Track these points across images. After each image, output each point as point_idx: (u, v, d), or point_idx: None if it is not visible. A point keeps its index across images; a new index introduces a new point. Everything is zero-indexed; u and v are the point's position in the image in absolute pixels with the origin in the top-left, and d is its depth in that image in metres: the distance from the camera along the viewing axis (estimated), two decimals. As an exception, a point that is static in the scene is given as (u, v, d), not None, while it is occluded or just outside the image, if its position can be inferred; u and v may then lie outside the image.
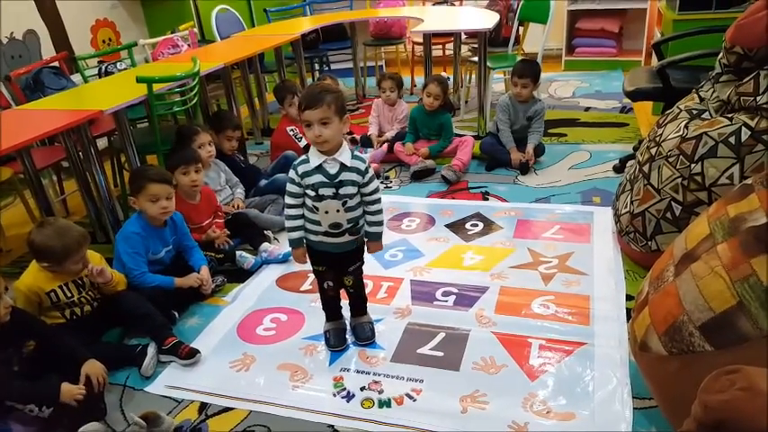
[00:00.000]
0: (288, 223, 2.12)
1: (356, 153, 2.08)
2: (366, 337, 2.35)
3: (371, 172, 2.07)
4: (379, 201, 2.11)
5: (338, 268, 2.25)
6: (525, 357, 2.19)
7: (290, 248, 2.18)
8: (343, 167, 2.00)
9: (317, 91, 1.94)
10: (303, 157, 2.05)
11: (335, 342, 2.34)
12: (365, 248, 2.24)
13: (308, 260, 2.19)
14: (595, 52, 6.17)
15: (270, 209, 3.40)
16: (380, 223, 2.15)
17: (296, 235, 2.12)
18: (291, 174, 2.04)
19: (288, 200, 2.08)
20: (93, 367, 2.11)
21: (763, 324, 1.45)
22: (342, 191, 2.01)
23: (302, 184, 2.02)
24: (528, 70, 3.80)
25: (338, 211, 2.03)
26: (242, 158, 3.82)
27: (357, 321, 2.40)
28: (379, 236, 2.17)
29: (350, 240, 2.13)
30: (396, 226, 3.27)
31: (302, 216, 2.09)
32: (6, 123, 2.74)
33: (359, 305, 2.39)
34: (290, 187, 2.06)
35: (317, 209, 2.03)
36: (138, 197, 2.59)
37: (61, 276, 2.32)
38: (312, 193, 2.01)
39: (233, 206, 3.29)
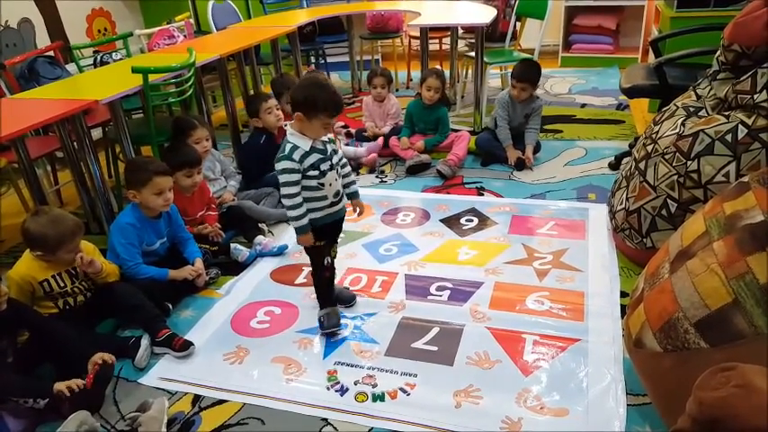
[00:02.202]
0: (294, 212, 2.18)
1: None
2: (352, 297, 2.56)
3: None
4: (347, 163, 2.36)
5: (331, 239, 2.39)
6: (519, 353, 2.19)
7: (300, 234, 2.23)
8: (324, 142, 2.20)
9: (342, 101, 2.16)
10: (288, 146, 2.13)
11: (332, 323, 2.38)
12: (355, 212, 2.44)
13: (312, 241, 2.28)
14: (592, 49, 6.17)
15: (265, 201, 3.39)
16: (355, 182, 2.41)
17: (305, 221, 2.20)
18: (287, 164, 2.11)
19: (289, 190, 2.14)
20: (98, 356, 2.12)
21: (759, 322, 1.45)
22: (333, 161, 2.21)
23: (301, 168, 2.12)
24: (527, 75, 3.78)
25: (336, 179, 2.22)
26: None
27: (338, 289, 2.56)
28: (358, 193, 2.42)
29: (342, 206, 2.33)
30: (390, 220, 3.26)
31: (303, 202, 2.19)
32: (1, 112, 2.72)
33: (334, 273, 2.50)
34: (288, 177, 2.13)
35: (323, 184, 2.18)
36: (140, 190, 2.56)
37: (54, 266, 2.31)
38: (315, 172, 2.14)
39: (222, 201, 3.27)
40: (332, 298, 2.46)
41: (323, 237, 2.31)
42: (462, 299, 2.53)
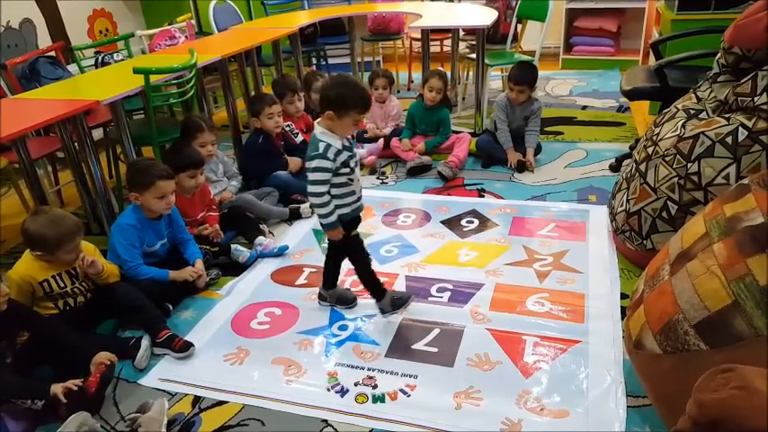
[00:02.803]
0: (324, 209, 2.22)
1: None
2: (354, 298, 2.60)
3: None
4: None
5: (354, 229, 2.42)
6: (520, 354, 2.19)
7: (331, 230, 2.28)
8: (349, 139, 2.23)
9: (370, 97, 2.22)
10: (321, 144, 2.14)
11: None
12: None
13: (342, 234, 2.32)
14: (593, 51, 6.16)
15: (265, 201, 3.39)
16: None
17: (334, 216, 2.24)
18: (322, 162, 2.14)
19: (319, 188, 2.18)
20: (104, 355, 2.12)
21: (758, 323, 1.45)
22: (357, 157, 2.26)
23: (334, 167, 2.16)
24: (524, 77, 3.78)
25: (360, 174, 2.31)
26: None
27: (340, 290, 2.62)
28: None
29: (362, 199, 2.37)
30: (391, 222, 3.27)
31: (331, 199, 2.23)
32: (2, 112, 2.72)
33: None
34: (320, 175, 2.16)
35: (352, 180, 2.24)
36: (143, 193, 2.56)
37: (54, 266, 2.31)
38: (346, 169, 2.19)
39: (221, 199, 3.27)
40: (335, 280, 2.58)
41: (349, 228, 2.35)
42: (463, 300, 2.53)
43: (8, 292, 2.06)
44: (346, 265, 2.79)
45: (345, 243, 2.37)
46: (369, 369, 2.18)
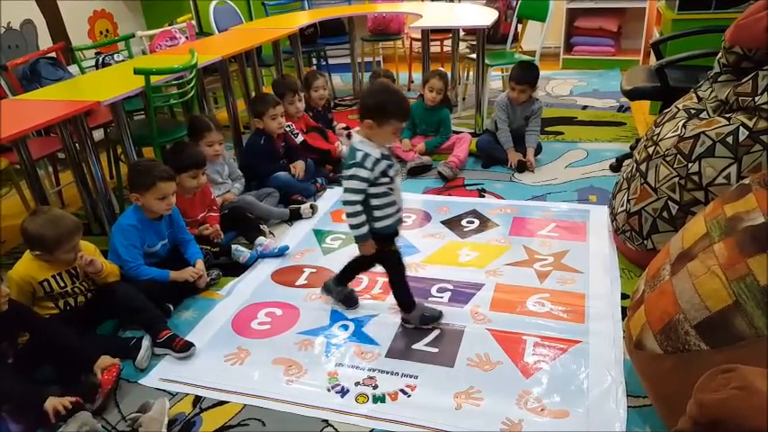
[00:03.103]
0: (355, 219, 2.17)
1: None
2: (356, 300, 2.57)
3: None
4: None
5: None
6: (520, 354, 2.19)
7: (361, 243, 2.23)
8: (388, 148, 2.19)
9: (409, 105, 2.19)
10: (359, 153, 2.10)
11: (438, 313, 2.41)
12: None
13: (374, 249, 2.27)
14: (594, 51, 6.16)
15: (265, 201, 3.39)
16: None
17: (365, 229, 2.19)
18: (359, 171, 2.09)
19: (353, 197, 2.13)
20: (105, 360, 2.12)
21: (759, 323, 1.45)
22: (396, 167, 2.21)
23: (372, 177, 2.11)
24: (526, 77, 3.78)
25: (400, 184, 2.25)
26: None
27: (348, 289, 2.58)
28: None
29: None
30: (392, 222, 3.26)
31: (363, 210, 2.17)
32: (2, 113, 2.72)
33: None
34: (356, 184, 2.11)
35: (392, 189, 2.18)
36: (144, 194, 2.56)
37: (54, 266, 2.31)
38: (386, 179, 2.14)
39: (223, 200, 3.27)
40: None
41: (393, 241, 2.31)
42: (463, 300, 2.53)
43: (8, 292, 2.06)
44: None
45: (380, 256, 2.32)
46: (369, 369, 2.18)
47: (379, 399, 2.04)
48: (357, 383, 2.12)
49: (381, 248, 2.27)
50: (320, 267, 2.87)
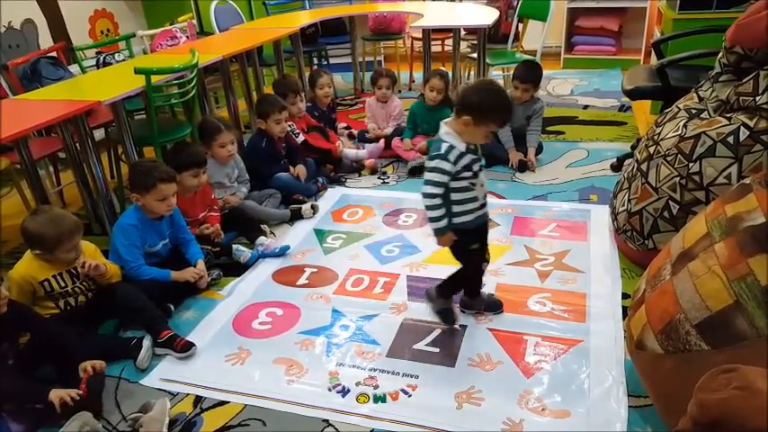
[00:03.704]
0: (434, 212, 2.11)
1: None
2: (500, 303, 2.45)
3: None
4: None
5: (483, 242, 2.30)
6: (521, 354, 2.19)
7: (439, 236, 2.16)
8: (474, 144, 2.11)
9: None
10: (444, 145, 2.05)
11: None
12: None
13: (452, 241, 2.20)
14: (594, 50, 6.16)
15: (267, 203, 3.40)
16: None
17: (444, 222, 2.13)
18: (441, 164, 2.04)
19: (432, 189, 2.08)
20: (90, 362, 2.10)
21: (760, 323, 1.45)
22: (482, 162, 2.15)
23: (454, 171, 2.05)
24: (530, 76, 3.79)
25: (485, 180, 2.18)
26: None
27: (485, 295, 2.46)
28: None
29: (487, 208, 2.25)
30: (392, 222, 3.26)
31: (444, 203, 2.12)
32: (3, 113, 2.72)
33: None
34: (437, 177, 2.06)
35: (474, 184, 2.12)
36: (144, 195, 2.56)
37: (55, 266, 2.31)
38: (469, 174, 2.08)
39: (225, 201, 3.27)
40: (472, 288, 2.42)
41: (475, 239, 2.24)
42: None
43: (7, 294, 2.06)
44: (347, 266, 2.79)
45: (459, 253, 2.26)
46: (370, 369, 2.18)
47: (379, 399, 2.04)
48: (358, 383, 2.12)
49: (462, 245, 2.21)
50: (321, 267, 2.87)
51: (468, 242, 2.21)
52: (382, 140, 4.14)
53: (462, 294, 2.43)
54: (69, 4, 5.19)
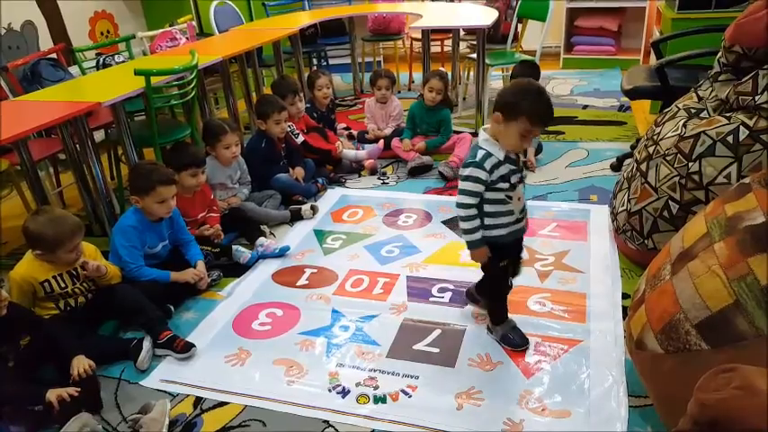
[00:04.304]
0: (467, 224, 2.01)
1: None
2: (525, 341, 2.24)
3: None
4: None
5: (515, 256, 2.21)
6: (521, 354, 2.19)
7: (473, 250, 2.06)
8: (517, 153, 2.00)
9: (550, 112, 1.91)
10: (480, 152, 1.95)
11: (524, 340, 2.22)
12: None
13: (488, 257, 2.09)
14: (594, 50, 6.16)
15: (267, 203, 3.40)
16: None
17: (479, 234, 2.02)
18: (475, 172, 1.94)
19: (466, 199, 1.97)
20: (79, 361, 2.09)
21: (760, 323, 1.45)
22: (522, 174, 2.03)
23: (492, 180, 1.94)
24: (528, 74, 3.79)
25: (523, 193, 2.06)
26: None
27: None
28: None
29: (525, 222, 2.14)
30: (392, 222, 3.26)
31: (479, 214, 2.01)
32: (3, 114, 2.73)
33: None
34: (471, 186, 1.96)
35: (511, 197, 2.00)
36: (143, 198, 2.57)
37: (55, 266, 2.32)
38: (505, 185, 1.96)
39: (227, 202, 3.28)
40: (506, 312, 2.27)
41: (507, 255, 2.13)
42: (464, 300, 2.52)
43: (7, 297, 2.06)
44: (347, 266, 2.79)
45: (498, 269, 2.14)
46: (370, 370, 2.18)
47: (380, 399, 2.04)
48: (358, 384, 2.12)
49: (492, 260, 2.09)
50: (321, 267, 2.87)
51: (498, 257, 2.10)
52: (382, 141, 4.14)
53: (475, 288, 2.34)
54: (69, 6, 5.20)
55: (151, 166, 2.71)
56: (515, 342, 2.22)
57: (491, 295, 2.28)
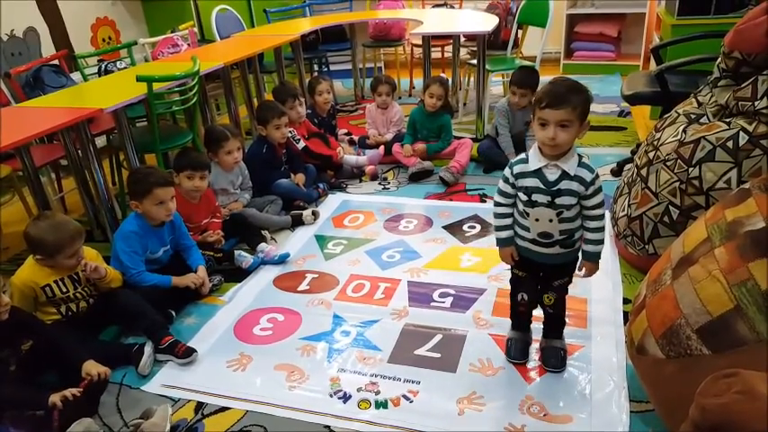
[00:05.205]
0: (496, 222, 1.98)
1: (584, 161, 1.84)
2: (554, 365, 2.11)
3: (598, 183, 1.87)
4: (602, 217, 1.91)
5: (541, 280, 2.07)
6: (522, 359, 2.20)
7: (499, 248, 2.03)
8: (565, 175, 1.81)
9: (564, 90, 1.73)
10: (522, 155, 1.88)
11: (517, 354, 2.17)
12: (577, 265, 2.02)
13: (513, 261, 2.05)
14: (594, 56, 6.17)
15: (268, 209, 3.40)
16: (600, 242, 1.93)
17: (504, 234, 1.97)
18: (506, 170, 1.90)
19: (498, 198, 1.94)
20: (94, 366, 2.10)
21: (760, 328, 1.45)
22: (558, 200, 1.82)
23: (516, 185, 1.88)
24: (527, 81, 3.80)
25: (551, 220, 1.85)
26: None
27: (549, 344, 2.17)
28: (597, 256, 1.95)
29: (561, 253, 1.94)
30: (393, 227, 3.27)
31: (512, 215, 1.95)
32: (6, 121, 2.74)
33: (555, 327, 2.16)
34: (501, 184, 1.92)
35: (528, 214, 1.88)
36: (142, 201, 2.57)
37: (57, 271, 2.32)
38: (524, 198, 1.86)
39: (228, 208, 3.28)
40: (525, 325, 2.22)
41: (524, 268, 2.06)
42: (465, 305, 2.53)
43: (8, 301, 2.06)
44: (348, 271, 2.79)
45: (515, 276, 2.10)
46: (371, 375, 2.18)
47: (381, 404, 2.04)
48: (359, 389, 2.12)
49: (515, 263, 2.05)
50: (322, 273, 2.88)
51: (516, 264, 2.06)
52: (382, 146, 4.15)
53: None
54: (71, 13, 5.22)
55: (147, 169, 2.72)
56: (509, 352, 2.21)
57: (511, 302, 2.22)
